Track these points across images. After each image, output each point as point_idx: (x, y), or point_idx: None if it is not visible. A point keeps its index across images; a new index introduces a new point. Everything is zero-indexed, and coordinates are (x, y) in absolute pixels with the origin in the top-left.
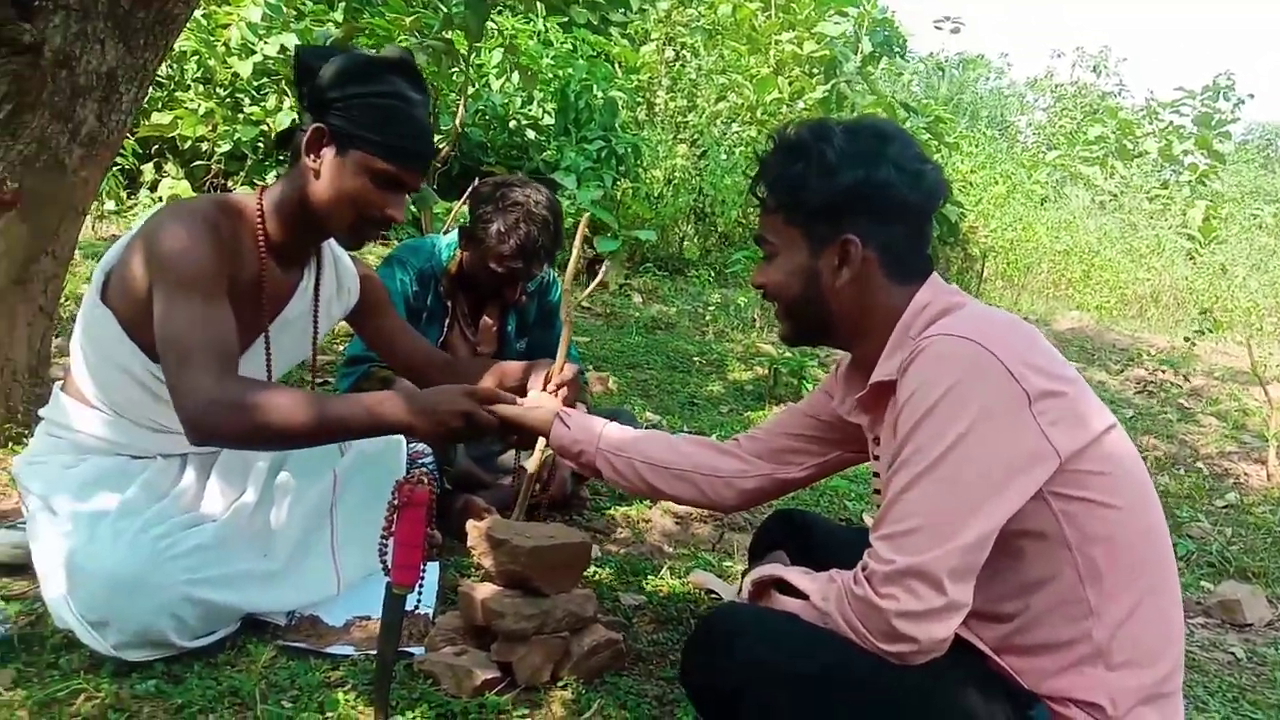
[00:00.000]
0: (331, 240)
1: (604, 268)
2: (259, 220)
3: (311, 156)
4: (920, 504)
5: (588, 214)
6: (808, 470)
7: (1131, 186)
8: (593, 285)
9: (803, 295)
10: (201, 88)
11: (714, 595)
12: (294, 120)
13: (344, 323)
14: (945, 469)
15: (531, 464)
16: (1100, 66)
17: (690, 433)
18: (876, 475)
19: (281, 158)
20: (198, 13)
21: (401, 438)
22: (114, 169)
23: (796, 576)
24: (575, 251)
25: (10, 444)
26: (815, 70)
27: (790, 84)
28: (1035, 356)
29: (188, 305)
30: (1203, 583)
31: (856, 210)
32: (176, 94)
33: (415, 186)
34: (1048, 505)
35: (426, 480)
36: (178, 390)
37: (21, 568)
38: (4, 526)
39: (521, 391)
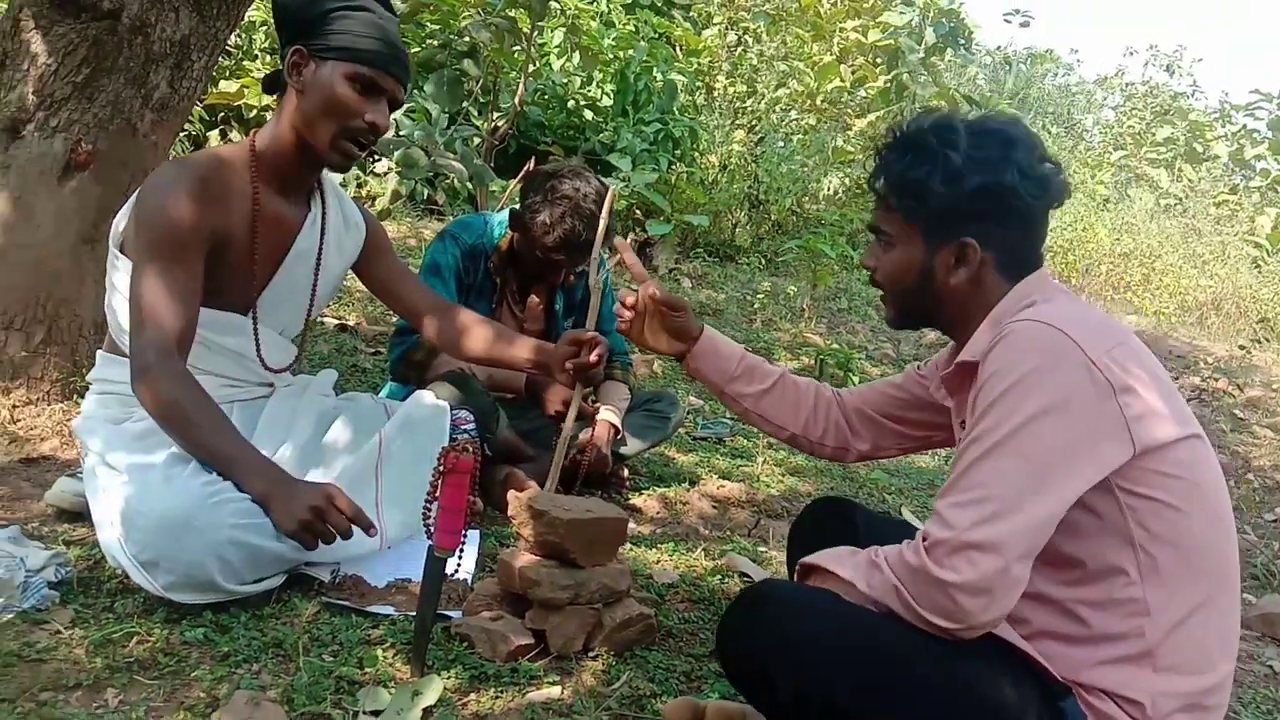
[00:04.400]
0: (334, 181)
1: (619, 240)
2: (252, 160)
3: (294, 78)
4: (989, 477)
5: (613, 189)
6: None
7: (1198, 190)
8: (613, 261)
9: (915, 288)
10: (269, 58)
11: (746, 578)
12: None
13: None
14: (1018, 444)
15: (563, 437)
16: (1174, 66)
17: (730, 420)
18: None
19: None
20: None
21: (446, 405)
22: (181, 135)
23: (831, 561)
24: (602, 223)
25: (76, 397)
26: (879, 60)
27: (853, 73)
28: (1122, 354)
29: (154, 270)
30: (1245, 595)
31: (978, 215)
32: (244, 63)
33: (396, 94)
34: (1114, 498)
35: (471, 449)
36: (131, 350)
37: (82, 515)
38: (67, 475)
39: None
